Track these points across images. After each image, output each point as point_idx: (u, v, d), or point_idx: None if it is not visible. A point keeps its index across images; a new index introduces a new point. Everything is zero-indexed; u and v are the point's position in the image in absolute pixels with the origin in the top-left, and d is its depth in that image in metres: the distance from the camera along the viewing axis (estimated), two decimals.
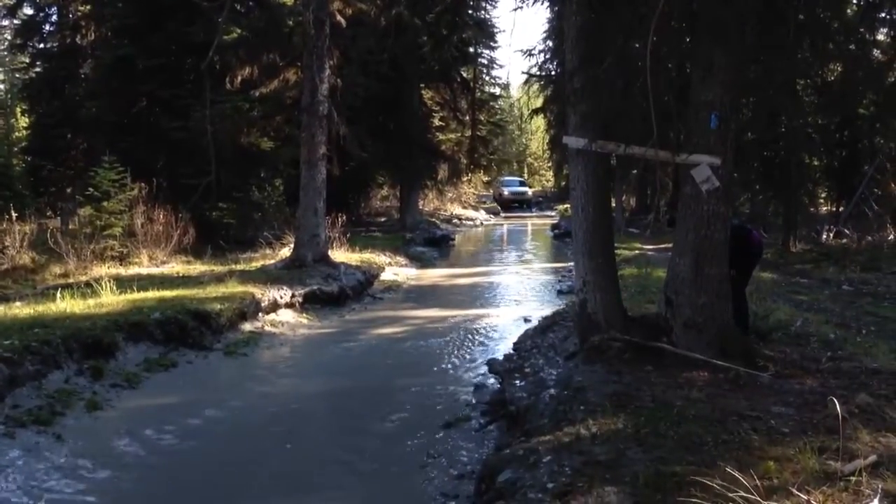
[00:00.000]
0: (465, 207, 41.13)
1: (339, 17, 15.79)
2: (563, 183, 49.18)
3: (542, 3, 8.42)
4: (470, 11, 29.28)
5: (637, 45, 7.53)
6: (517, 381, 7.68)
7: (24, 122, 33.65)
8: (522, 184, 53.88)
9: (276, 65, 17.29)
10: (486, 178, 47.40)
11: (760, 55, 7.58)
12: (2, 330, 8.57)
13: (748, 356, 7.45)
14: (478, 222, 39.02)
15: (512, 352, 9.29)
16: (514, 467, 5.29)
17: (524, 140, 66.90)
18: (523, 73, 35.70)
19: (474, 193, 43.44)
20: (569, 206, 9.91)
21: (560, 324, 9.71)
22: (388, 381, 9.25)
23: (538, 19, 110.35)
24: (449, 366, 10.00)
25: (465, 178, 41.96)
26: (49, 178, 25.52)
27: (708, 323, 7.53)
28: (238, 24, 18.12)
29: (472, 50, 32.91)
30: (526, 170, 65.47)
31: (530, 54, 33.24)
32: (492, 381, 8.74)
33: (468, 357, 10.42)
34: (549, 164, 55.21)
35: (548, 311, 11.93)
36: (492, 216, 43.66)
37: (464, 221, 37.36)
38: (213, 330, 10.55)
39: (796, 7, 7.73)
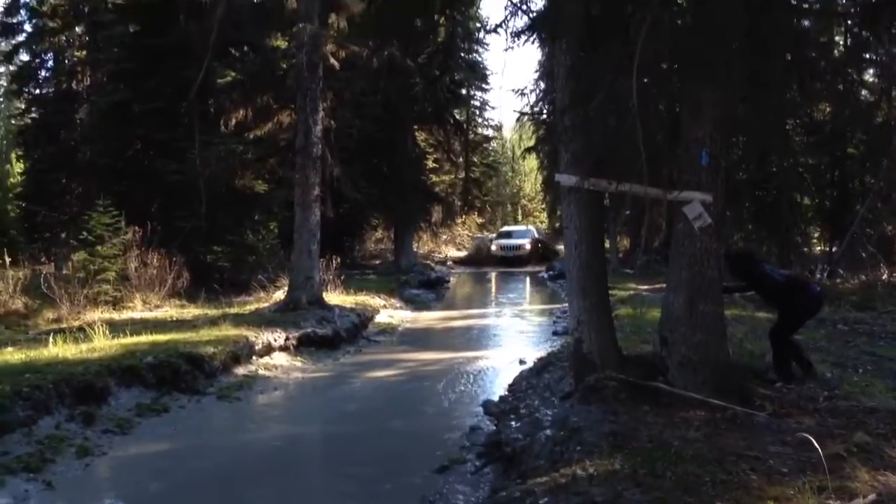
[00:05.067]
0: (459, 249, 41.17)
1: (332, 60, 15.93)
2: (557, 224, 49.43)
3: (532, 43, 8.42)
4: (462, 54, 29.67)
5: (626, 84, 7.60)
6: (513, 422, 7.63)
7: (18, 167, 33.78)
8: (521, 234, 39.79)
9: (270, 107, 17.44)
10: (480, 220, 46.90)
11: (749, 93, 7.64)
12: None
13: (745, 395, 7.41)
14: None
15: (507, 393, 9.24)
16: None
17: (518, 182, 67.25)
18: (515, 111, 35.39)
19: (469, 235, 43.36)
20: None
21: (555, 364, 9.67)
22: (382, 425, 9.15)
23: (530, 59, 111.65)
24: (444, 408, 9.91)
25: (459, 220, 42.11)
26: (43, 224, 25.53)
27: (703, 361, 7.50)
28: (233, 69, 18.29)
29: (464, 91, 33.23)
30: (520, 211, 65.77)
31: (522, 94, 33.18)
32: (487, 423, 8.67)
33: (463, 399, 10.33)
34: (543, 206, 55.09)
35: (543, 353, 11.88)
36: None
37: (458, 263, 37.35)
38: (206, 374, 10.47)
39: (783, 46, 7.82)
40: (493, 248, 37.68)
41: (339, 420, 9.44)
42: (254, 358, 11.81)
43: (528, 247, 37.43)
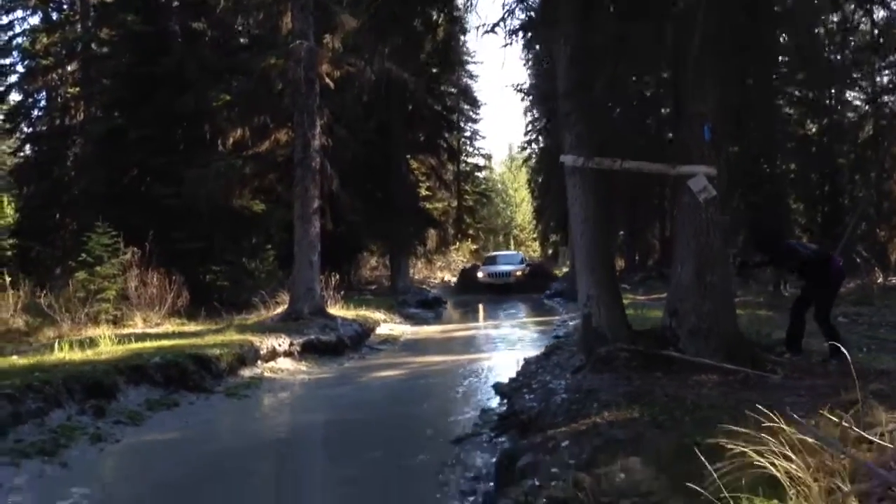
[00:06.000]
0: (454, 275, 41.17)
1: (327, 80, 16.13)
2: (551, 251, 49.56)
3: (530, 35, 8.61)
4: (453, 79, 30.10)
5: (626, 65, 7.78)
6: (526, 394, 7.65)
7: (10, 209, 33.56)
8: (509, 259, 35.99)
9: (267, 127, 17.58)
10: (473, 247, 46.80)
11: (748, 69, 7.82)
12: (2, 375, 8.47)
13: (756, 362, 7.48)
14: None
15: (517, 376, 9.25)
16: (533, 452, 5.26)
17: (509, 213, 67.56)
18: (512, 86, 32.88)
19: (462, 262, 43.35)
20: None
21: (563, 348, 9.73)
22: (393, 412, 9.18)
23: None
24: (454, 396, 9.96)
25: (453, 247, 42.20)
26: (37, 260, 25.39)
27: (714, 329, 7.59)
28: (228, 92, 18.47)
29: (455, 117, 33.54)
30: (512, 241, 66.00)
31: (521, 91, 32.60)
32: (497, 403, 8.69)
33: (472, 389, 10.38)
34: (535, 236, 55.21)
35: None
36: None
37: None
38: (213, 374, 10.44)
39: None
40: (480, 275, 33.32)
41: (350, 410, 9.45)
42: (259, 362, 11.78)
43: (518, 273, 32.98)
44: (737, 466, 3.60)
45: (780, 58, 8.40)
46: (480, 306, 25.32)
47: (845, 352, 5.32)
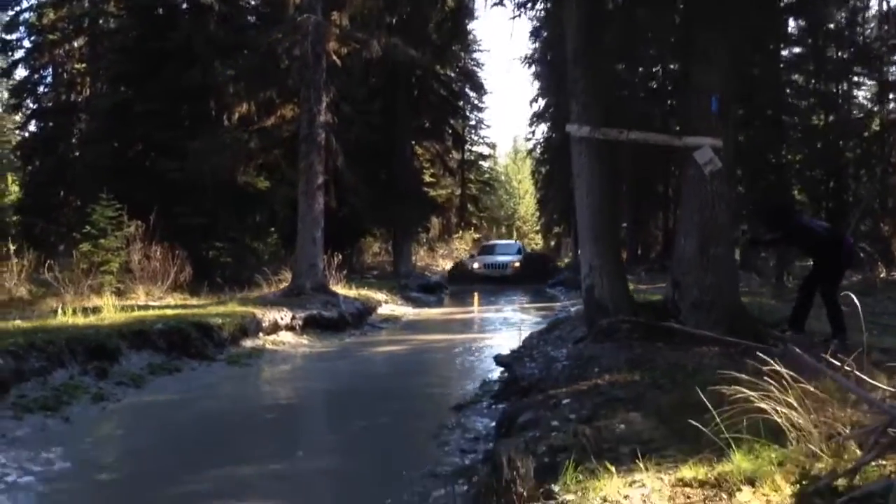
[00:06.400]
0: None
1: (334, 57, 16.10)
2: (553, 243, 49.53)
3: (541, 4, 8.60)
4: (459, 64, 30.06)
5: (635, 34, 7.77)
6: (527, 363, 7.67)
7: (15, 187, 33.56)
8: (507, 249, 33.83)
9: (273, 102, 17.55)
10: (476, 236, 46.59)
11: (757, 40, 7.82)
12: (5, 334, 8.50)
13: (758, 336, 7.48)
14: None
15: (518, 349, 9.28)
16: (534, 409, 5.27)
17: (512, 204, 67.56)
18: (520, 59, 32.23)
19: (465, 250, 43.27)
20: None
21: (565, 323, 9.75)
22: (394, 383, 9.24)
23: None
24: (455, 369, 10.01)
25: (456, 236, 42.17)
26: (41, 236, 25.43)
27: (716, 302, 7.60)
28: (235, 68, 18.47)
29: (461, 104, 33.48)
30: (515, 233, 66.04)
31: (531, 61, 31.70)
32: (498, 375, 8.71)
33: (473, 363, 10.43)
34: (538, 228, 55.17)
35: None
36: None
37: None
38: (216, 343, 10.46)
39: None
40: (476, 265, 30.93)
41: (351, 380, 9.51)
42: (260, 334, 11.81)
43: (516, 264, 30.70)
44: (739, 411, 3.62)
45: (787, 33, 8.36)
46: (479, 294, 25.24)
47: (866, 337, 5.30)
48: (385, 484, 5.06)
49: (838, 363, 3.95)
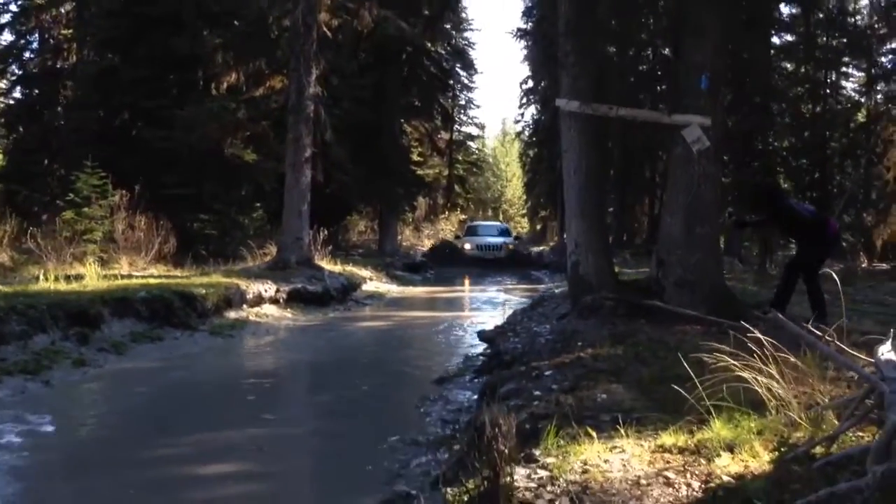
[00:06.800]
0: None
1: (325, 29, 15.99)
2: (539, 227, 49.58)
3: None
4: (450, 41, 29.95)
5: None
6: (510, 338, 7.69)
7: None
8: (501, 232, 32.25)
9: (262, 73, 17.43)
10: (462, 217, 46.44)
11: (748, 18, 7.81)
12: None
13: (740, 316, 7.49)
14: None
15: (501, 325, 9.30)
16: (516, 380, 5.29)
17: (499, 186, 67.54)
18: (515, 31, 31.00)
19: (451, 231, 43.20)
20: None
21: (549, 300, 9.76)
22: (377, 355, 9.27)
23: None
24: (438, 344, 10.04)
25: (442, 216, 42.15)
26: (25, 205, 25.16)
27: (699, 281, 7.63)
28: (223, 37, 18.28)
29: (451, 83, 33.33)
30: (501, 215, 66.10)
31: (522, 34, 31.05)
32: (482, 350, 8.73)
33: (457, 339, 10.45)
34: (524, 212, 55.14)
35: None
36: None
37: None
38: (199, 313, 10.41)
39: None
40: (467, 246, 29.52)
41: (334, 352, 9.52)
42: (244, 306, 11.77)
43: (510, 246, 29.71)
44: (719, 380, 3.65)
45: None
46: (466, 275, 25.17)
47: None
48: (366, 451, 5.06)
49: (820, 334, 3.95)
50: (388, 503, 3.93)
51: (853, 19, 23.25)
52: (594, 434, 3.49)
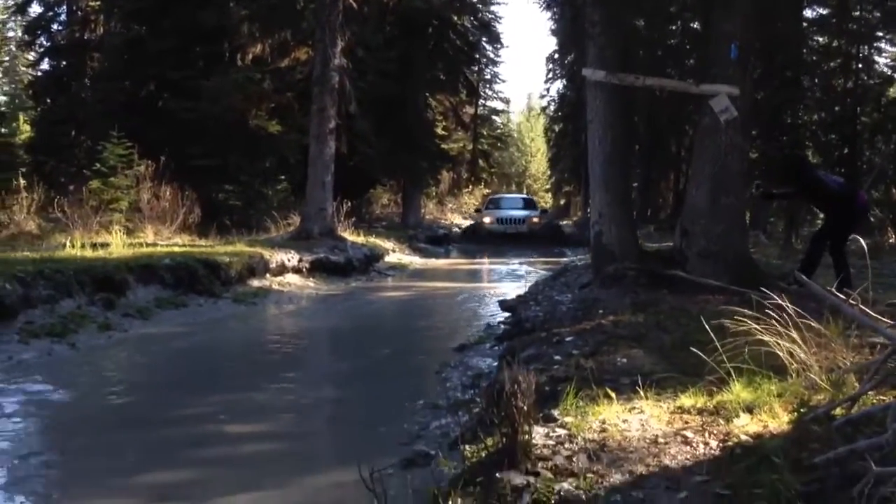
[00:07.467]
0: (465, 218, 41.06)
1: (351, 0, 15.91)
2: (563, 202, 49.36)
3: None
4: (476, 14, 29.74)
5: None
6: (532, 306, 7.68)
7: (26, 126, 33.54)
8: (526, 204, 30.16)
9: (288, 44, 17.41)
10: (486, 192, 46.21)
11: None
12: (13, 263, 8.54)
13: (764, 286, 7.44)
14: None
15: (523, 294, 9.29)
16: (537, 345, 5.29)
17: (524, 161, 67.24)
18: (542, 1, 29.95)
19: (475, 205, 43.10)
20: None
21: (572, 271, 9.73)
22: (398, 323, 9.34)
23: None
24: (460, 313, 10.06)
25: (466, 190, 42.08)
26: (52, 175, 25.39)
27: (723, 252, 7.56)
28: (250, 8, 18.26)
29: (476, 56, 33.14)
30: (525, 190, 65.87)
31: (552, 4, 30.00)
32: (502, 319, 8.73)
33: (478, 308, 10.47)
34: (549, 187, 54.89)
35: None
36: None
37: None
38: (223, 281, 10.50)
39: None
40: (487, 220, 27.57)
41: (356, 320, 9.58)
42: (267, 274, 11.85)
43: (534, 220, 27.29)
44: (741, 344, 3.63)
45: None
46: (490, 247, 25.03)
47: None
48: (387, 414, 5.10)
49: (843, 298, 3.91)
50: (407, 462, 3.96)
51: None
52: (613, 395, 3.49)
